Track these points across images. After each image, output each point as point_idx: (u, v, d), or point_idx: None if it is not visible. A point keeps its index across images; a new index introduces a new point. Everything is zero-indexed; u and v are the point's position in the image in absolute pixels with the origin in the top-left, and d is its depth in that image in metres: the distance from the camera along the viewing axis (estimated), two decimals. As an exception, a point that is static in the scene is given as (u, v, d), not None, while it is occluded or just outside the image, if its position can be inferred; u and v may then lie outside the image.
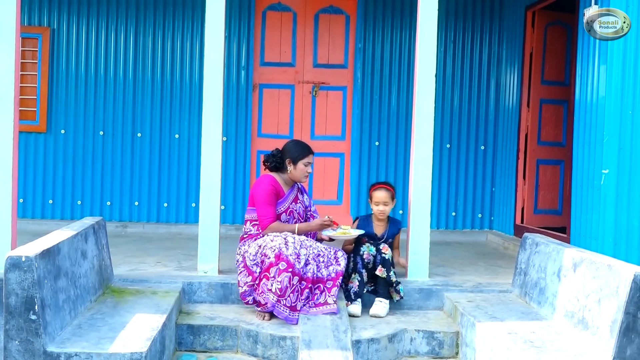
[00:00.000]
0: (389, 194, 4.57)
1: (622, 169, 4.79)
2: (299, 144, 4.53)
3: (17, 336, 2.97)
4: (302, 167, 4.41)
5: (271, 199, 4.31)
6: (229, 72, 7.00)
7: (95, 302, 3.83)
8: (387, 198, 4.55)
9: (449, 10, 7.07)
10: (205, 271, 4.55)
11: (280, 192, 4.40)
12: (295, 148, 4.46)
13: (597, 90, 4.99)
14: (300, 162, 4.40)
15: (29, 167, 6.98)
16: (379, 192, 4.56)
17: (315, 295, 4.15)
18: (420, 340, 4.06)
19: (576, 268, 3.66)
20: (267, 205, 4.29)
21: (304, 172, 4.43)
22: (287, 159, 4.41)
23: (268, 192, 4.31)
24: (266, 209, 4.28)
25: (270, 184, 4.35)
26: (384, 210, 4.55)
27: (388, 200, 4.55)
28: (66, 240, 3.50)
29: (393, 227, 4.64)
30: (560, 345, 3.35)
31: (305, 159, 4.42)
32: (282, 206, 4.40)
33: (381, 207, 4.55)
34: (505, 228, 6.96)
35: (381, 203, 4.55)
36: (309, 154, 4.46)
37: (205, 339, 3.98)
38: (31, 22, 6.97)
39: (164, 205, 7.05)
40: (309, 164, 4.44)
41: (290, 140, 4.61)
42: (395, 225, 4.66)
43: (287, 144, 4.53)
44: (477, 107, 7.23)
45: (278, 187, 4.39)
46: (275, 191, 4.35)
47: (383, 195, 4.54)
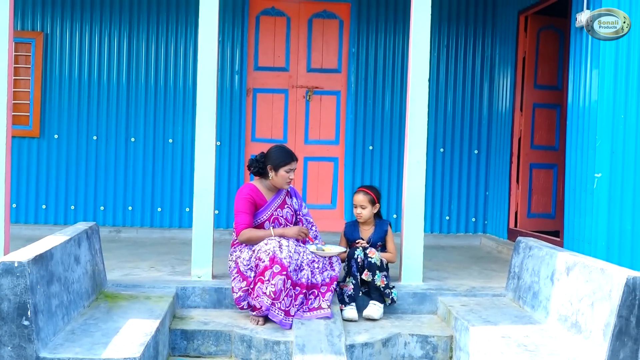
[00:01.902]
0: (367, 197, 4.57)
1: (614, 172, 4.81)
2: (282, 150, 4.40)
3: (10, 342, 2.96)
4: (283, 174, 4.31)
5: (247, 208, 4.25)
6: (222, 77, 7.00)
7: (88, 307, 3.82)
8: (364, 201, 4.56)
9: (442, 14, 7.10)
10: (199, 276, 4.54)
11: (259, 200, 4.32)
12: (277, 154, 4.35)
13: (589, 94, 5.01)
14: (282, 169, 4.30)
15: (22, 172, 6.95)
16: (356, 195, 4.62)
17: (310, 300, 4.15)
18: (414, 344, 4.06)
19: (569, 272, 3.67)
20: (241, 213, 4.25)
21: (286, 179, 4.33)
22: (269, 166, 4.32)
23: (244, 200, 4.26)
24: (240, 217, 4.25)
25: (248, 193, 4.29)
26: (360, 213, 4.57)
27: (365, 204, 4.56)
28: (59, 245, 3.49)
29: (379, 230, 4.63)
30: (553, 349, 3.36)
31: (287, 166, 4.31)
32: (264, 215, 4.33)
33: (358, 209, 4.58)
34: (499, 232, 6.98)
35: (358, 206, 4.58)
36: (291, 161, 4.34)
37: (198, 344, 3.97)
38: (24, 27, 6.96)
39: (158, 210, 7.03)
40: (291, 171, 4.33)
41: (275, 146, 4.46)
42: (382, 227, 4.64)
43: (270, 150, 4.42)
44: (471, 112, 7.25)
45: (257, 196, 4.32)
46: (252, 200, 4.28)
47: (360, 199, 4.57)
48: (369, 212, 4.57)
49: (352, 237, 4.63)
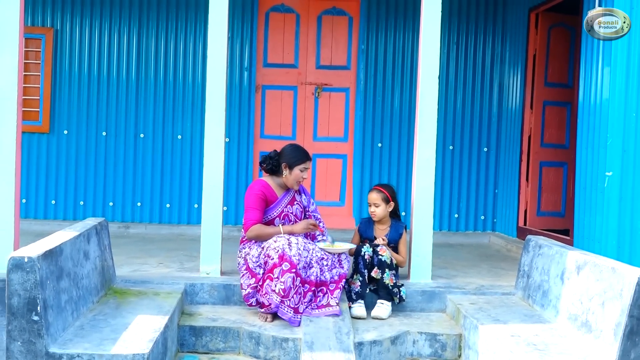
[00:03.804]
0: (381, 195, 4.57)
1: (625, 171, 4.78)
2: (297, 148, 4.44)
3: (20, 337, 2.97)
4: (297, 173, 4.32)
5: (257, 204, 4.25)
6: (231, 73, 7.00)
7: (97, 303, 3.83)
8: (377, 199, 4.56)
9: (452, 11, 7.07)
10: (207, 272, 4.55)
11: (271, 197, 4.32)
12: (293, 153, 4.37)
13: (600, 92, 4.98)
14: (297, 167, 4.31)
15: (32, 167, 6.98)
16: (371, 193, 4.63)
17: (318, 298, 4.15)
18: (423, 342, 4.05)
19: (580, 271, 3.65)
20: (251, 209, 4.25)
21: (299, 178, 4.34)
22: (284, 163, 4.33)
23: (255, 196, 4.26)
24: (250, 212, 4.25)
25: (260, 189, 4.29)
26: (374, 211, 4.58)
27: (379, 202, 4.56)
28: (69, 241, 3.50)
29: (394, 233, 4.62)
30: (563, 349, 3.34)
31: (302, 165, 4.33)
32: (274, 211, 4.34)
33: (372, 208, 4.59)
34: (508, 230, 6.95)
35: (372, 204, 4.58)
36: (306, 160, 4.36)
37: (207, 341, 3.97)
38: (35, 23, 6.98)
39: (167, 206, 7.05)
40: (305, 170, 4.35)
41: (289, 144, 4.49)
42: (397, 230, 4.63)
43: (285, 148, 4.43)
44: (480, 109, 7.22)
45: (269, 192, 4.32)
46: (263, 196, 4.28)
47: (374, 197, 4.58)
48: (382, 210, 4.57)
49: (366, 234, 4.62)
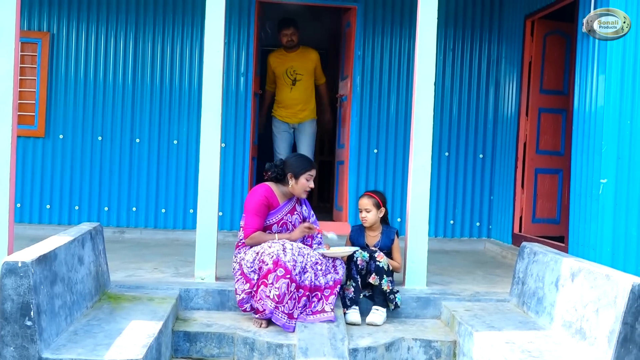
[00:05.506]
0: (372, 200, 4.57)
1: (620, 178, 4.79)
2: (302, 157, 4.50)
3: (12, 342, 2.95)
4: (304, 182, 4.34)
5: (260, 210, 4.27)
6: (228, 79, 6.99)
7: (91, 308, 3.81)
8: (369, 205, 4.56)
9: (448, 18, 7.08)
10: (202, 278, 4.54)
11: (273, 203, 4.34)
12: (298, 162, 4.40)
13: (595, 99, 5.00)
14: (303, 176, 4.33)
15: (27, 171, 6.95)
16: (362, 199, 4.63)
17: (313, 303, 4.14)
18: (418, 349, 4.04)
19: (574, 278, 3.66)
20: (253, 215, 4.26)
21: (305, 187, 4.36)
22: (289, 174, 4.34)
23: (258, 202, 4.27)
24: (252, 219, 4.26)
25: (264, 194, 4.31)
26: (365, 217, 4.57)
27: (370, 207, 4.56)
28: (63, 245, 3.49)
29: (386, 239, 4.62)
30: (558, 356, 3.34)
31: (308, 173, 4.35)
32: (274, 217, 4.35)
33: (363, 213, 4.59)
34: (504, 237, 6.95)
35: (363, 210, 4.58)
36: (311, 168, 4.39)
37: (201, 346, 3.96)
38: (31, 27, 6.97)
39: (162, 211, 7.03)
40: (311, 178, 4.38)
41: (293, 154, 4.55)
42: (389, 236, 4.63)
43: (289, 158, 4.49)
44: (476, 116, 7.23)
45: (272, 198, 4.34)
46: (266, 202, 4.29)
47: (364, 202, 4.58)
48: (373, 215, 4.57)
49: (358, 241, 4.63)
